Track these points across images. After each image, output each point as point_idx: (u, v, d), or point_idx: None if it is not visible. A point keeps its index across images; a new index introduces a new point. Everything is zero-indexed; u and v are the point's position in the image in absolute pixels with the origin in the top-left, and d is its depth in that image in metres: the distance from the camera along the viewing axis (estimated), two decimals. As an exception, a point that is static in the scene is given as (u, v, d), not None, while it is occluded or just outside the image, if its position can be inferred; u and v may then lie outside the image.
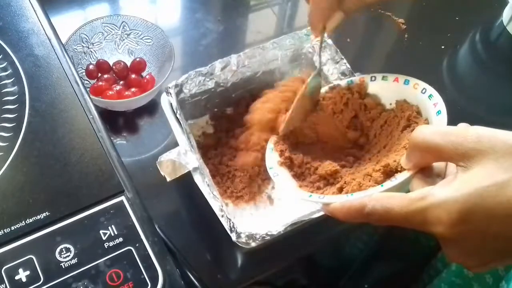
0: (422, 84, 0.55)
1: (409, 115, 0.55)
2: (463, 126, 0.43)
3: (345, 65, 0.71)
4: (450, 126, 0.44)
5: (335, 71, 0.71)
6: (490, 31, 0.94)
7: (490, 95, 0.87)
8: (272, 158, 0.58)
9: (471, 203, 0.37)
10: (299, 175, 0.58)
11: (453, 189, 0.38)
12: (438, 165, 0.46)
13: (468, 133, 0.39)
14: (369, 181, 0.50)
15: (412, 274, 1.05)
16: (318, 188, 0.55)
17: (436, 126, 0.49)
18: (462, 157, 0.39)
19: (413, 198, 0.40)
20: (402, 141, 0.53)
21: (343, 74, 0.71)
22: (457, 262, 0.42)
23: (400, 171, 0.48)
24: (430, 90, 0.54)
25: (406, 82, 0.57)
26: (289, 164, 0.58)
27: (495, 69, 0.91)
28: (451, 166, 0.44)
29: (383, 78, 0.59)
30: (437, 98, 0.53)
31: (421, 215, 0.39)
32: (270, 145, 0.60)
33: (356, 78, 0.62)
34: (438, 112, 0.51)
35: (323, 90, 0.62)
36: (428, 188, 0.40)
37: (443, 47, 0.91)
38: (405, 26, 0.92)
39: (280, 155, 0.58)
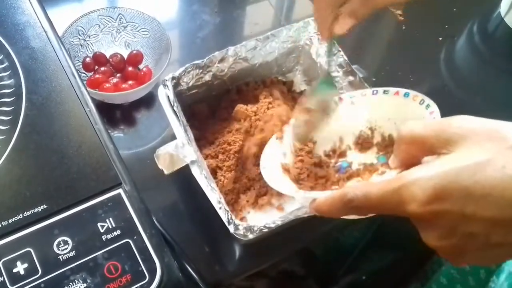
0: (420, 96, 0.56)
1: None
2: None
3: (342, 57, 0.71)
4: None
5: (332, 63, 0.71)
6: (487, 22, 0.94)
7: (488, 86, 0.87)
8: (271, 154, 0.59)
9: (447, 181, 0.37)
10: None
11: (430, 168, 0.38)
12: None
13: (452, 121, 0.39)
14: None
15: (411, 266, 1.06)
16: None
17: (421, 121, 0.49)
18: (445, 144, 0.39)
19: (390, 180, 0.40)
20: None
21: (341, 66, 0.71)
22: (433, 246, 0.41)
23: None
24: (428, 100, 0.55)
25: (406, 95, 0.58)
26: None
27: (493, 60, 0.91)
28: None
29: (385, 92, 0.60)
30: (434, 107, 0.53)
31: (396, 194, 0.39)
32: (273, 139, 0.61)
33: (358, 92, 0.62)
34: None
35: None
36: (405, 171, 0.40)
37: (440, 38, 0.91)
38: (402, 18, 0.91)
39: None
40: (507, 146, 0.36)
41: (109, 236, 0.42)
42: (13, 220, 0.41)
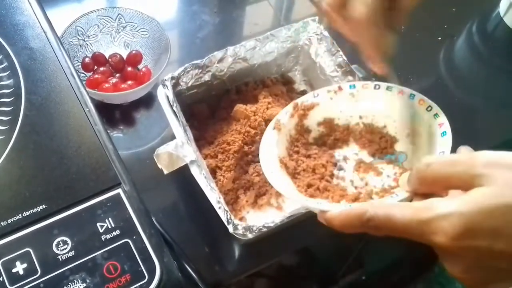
0: (428, 102, 0.54)
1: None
2: (466, 152, 0.43)
3: (341, 57, 0.71)
4: (453, 154, 0.44)
5: (331, 63, 0.71)
6: (487, 22, 0.94)
7: (487, 86, 0.87)
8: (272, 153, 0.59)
9: (479, 220, 0.37)
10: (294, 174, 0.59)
11: (460, 203, 0.38)
12: None
13: (477, 160, 0.39)
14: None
15: (411, 267, 1.06)
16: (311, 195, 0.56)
17: (441, 157, 0.48)
18: (471, 182, 0.38)
19: (417, 207, 0.39)
20: None
21: (340, 66, 0.71)
22: (457, 277, 0.41)
23: None
24: (436, 109, 0.53)
25: (412, 97, 0.56)
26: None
27: (492, 60, 0.91)
28: None
29: (388, 88, 0.59)
30: (443, 118, 0.52)
31: (424, 225, 0.38)
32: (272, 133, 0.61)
33: (359, 83, 0.61)
34: (444, 133, 0.51)
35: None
36: (433, 199, 0.40)
37: (439, 38, 0.91)
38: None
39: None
40: None
41: (108, 236, 0.42)
42: (12, 220, 0.41)
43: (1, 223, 0.41)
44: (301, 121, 0.63)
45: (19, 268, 0.40)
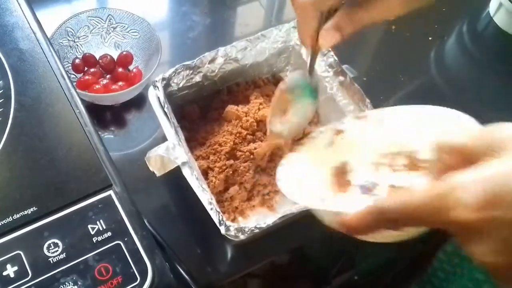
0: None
1: None
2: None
3: (332, 57, 0.71)
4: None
5: (322, 63, 0.72)
6: (477, 22, 0.95)
7: (478, 86, 0.88)
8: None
9: (500, 184, 0.32)
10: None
11: (478, 171, 0.34)
12: None
13: (497, 128, 0.36)
14: None
15: (404, 267, 1.06)
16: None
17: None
18: (492, 150, 0.35)
19: (432, 183, 0.36)
20: None
21: (331, 66, 0.71)
22: (488, 263, 0.34)
23: None
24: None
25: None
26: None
27: (482, 60, 0.91)
28: None
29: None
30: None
31: (440, 199, 0.34)
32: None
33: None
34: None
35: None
36: (450, 173, 0.35)
37: (430, 38, 0.91)
38: (394, 27, 0.92)
39: None
40: None
41: (99, 238, 0.42)
42: (2, 223, 0.41)
43: (-9, 226, 0.41)
44: None
45: (10, 271, 0.40)
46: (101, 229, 0.42)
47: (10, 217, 0.41)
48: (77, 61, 0.76)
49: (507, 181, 0.32)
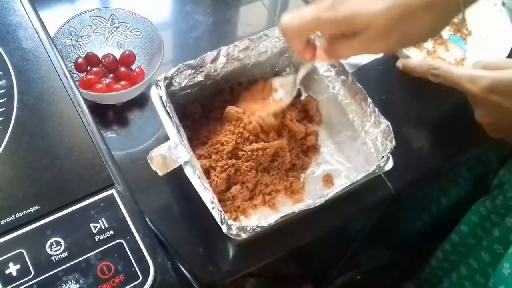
0: None
1: None
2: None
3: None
4: None
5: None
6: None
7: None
8: None
9: (506, 86, 0.62)
10: None
11: (498, 72, 0.63)
12: None
13: None
14: None
15: (405, 267, 1.06)
16: None
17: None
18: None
19: (470, 69, 0.68)
20: None
21: (333, 66, 0.71)
22: (479, 120, 0.68)
23: None
24: None
25: None
26: None
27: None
28: None
29: None
30: None
31: (470, 77, 0.64)
32: None
33: None
34: None
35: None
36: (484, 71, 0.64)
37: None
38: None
39: None
40: None
41: (101, 237, 0.42)
42: (5, 222, 0.41)
43: (-6, 224, 0.41)
44: None
45: (12, 269, 0.40)
46: (103, 227, 0.42)
47: (13, 216, 0.42)
48: (79, 60, 0.76)
49: (509, 84, 0.62)
